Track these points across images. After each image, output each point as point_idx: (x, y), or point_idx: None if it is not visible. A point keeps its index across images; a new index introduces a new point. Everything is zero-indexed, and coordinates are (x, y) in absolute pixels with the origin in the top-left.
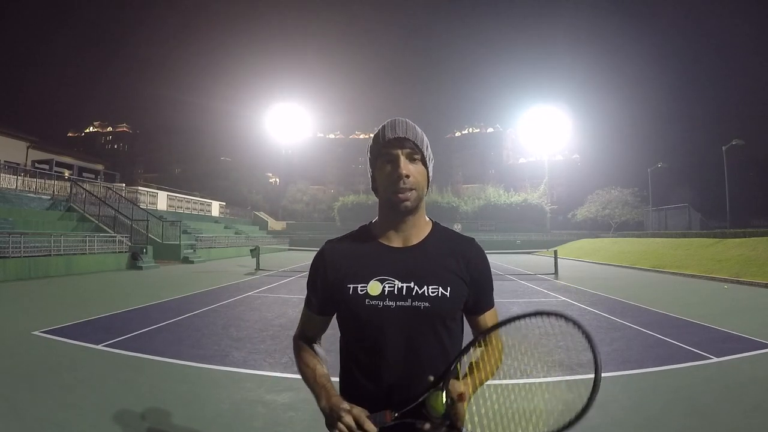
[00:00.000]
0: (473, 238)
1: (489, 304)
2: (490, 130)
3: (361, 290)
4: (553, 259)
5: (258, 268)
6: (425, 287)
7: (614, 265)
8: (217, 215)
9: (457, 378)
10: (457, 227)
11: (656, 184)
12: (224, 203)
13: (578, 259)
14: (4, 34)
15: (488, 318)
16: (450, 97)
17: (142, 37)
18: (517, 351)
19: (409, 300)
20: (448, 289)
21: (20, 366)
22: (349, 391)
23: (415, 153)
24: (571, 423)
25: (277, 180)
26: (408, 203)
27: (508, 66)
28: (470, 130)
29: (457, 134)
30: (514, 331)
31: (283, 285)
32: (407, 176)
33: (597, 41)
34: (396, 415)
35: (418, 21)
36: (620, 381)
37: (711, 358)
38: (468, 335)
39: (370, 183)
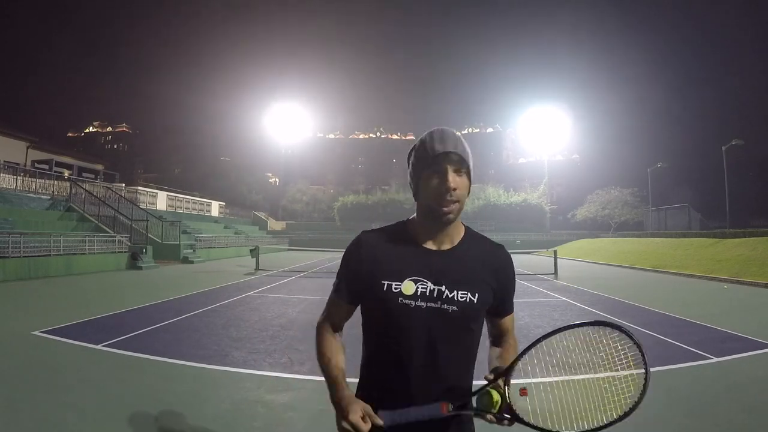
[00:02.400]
0: (503, 246)
1: (509, 309)
2: (489, 130)
3: (396, 288)
4: (552, 259)
5: (258, 268)
6: (455, 291)
7: (614, 265)
8: (217, 215)
9: (509, 376)
10: None
11: (656, 184)
12: (224, 203)
13: (578, 259)
14: (4, 34)
15: (508, 321)
16: (450, 97)
17: (142, 37)
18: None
19: (439, 302)
20: (476, 295)
21: (20, 366)
22: (369, 382)
23: (462, 167)
24: (626, 414)
25: (277, 180)
26: (451, 216)
27: (508, 66)
28: (470, 130)
29: (457, 134)
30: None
31: (283, 285)
32: (455, 189)
33: (597, 41)
34: (452, 407)
35: (418, 21)
36: None
37: (711, 358)
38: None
39: (411, 187)
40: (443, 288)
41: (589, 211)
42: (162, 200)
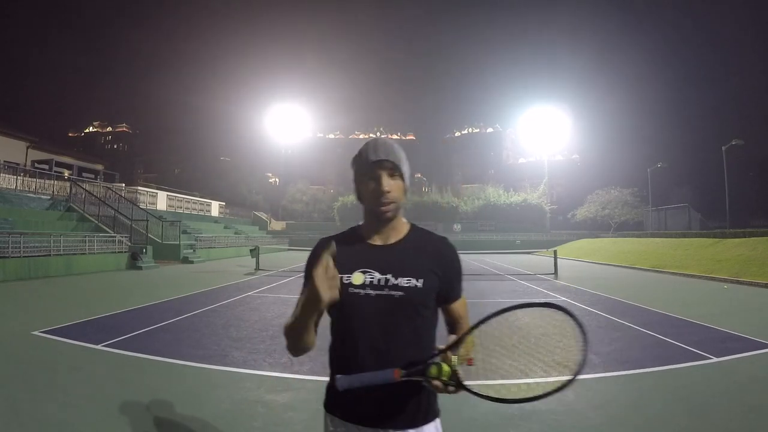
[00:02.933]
0: (446, 237)
1: (458, 294)
2: (489, 130)
3: (346, 280)
4: (552, 259)
5: (258, 268)
6: (400, 278)
7: (614, 265)
8: (217, 215)
9: (457, 349)
10: (456, 227)
11: (656, 184)
12: (224, 203)
13: (578, 259)
14: (4, 34)
15: (459, 306)
16: (450, 97)
17: (142, 37)
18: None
19: (386, 289)
20: (421, 281)
21: (20, 366)
22: (334, 362)
23: (395, 171)
24: (564, 386)
25: (277, 180)
26: (389, 214)
27: (508, 66)
28: (470, 130)
29: (457, 134)
30: (502, 320)
31: (283, 285)
32: (388, 192)
33: (597, 41)
34: (404, 372)
35: (418, 21)
36: (620, 381)
37: (711, 358)
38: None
39: (355, 193)
40: (389, 276)
41: (589, 211)
42: (162, 200)
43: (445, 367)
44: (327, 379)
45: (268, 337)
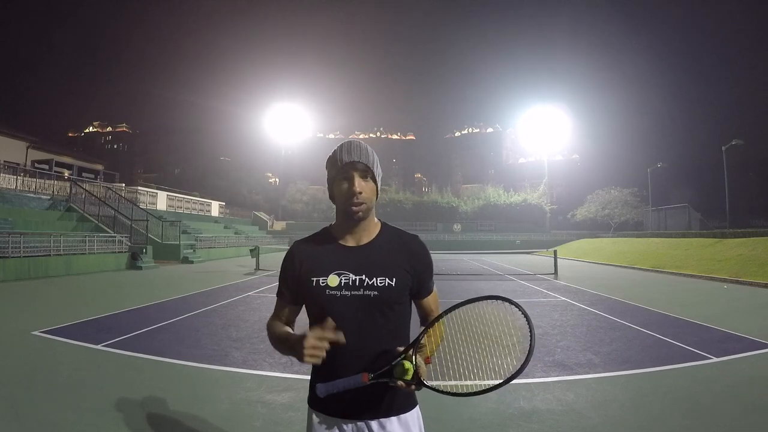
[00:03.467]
0: (417, 235)
1: (429, 290)
2: (489, 130)
3: (322, 282)
4: (552, 259)
5: (257, 268)
6: (374, 278)
7: (614, 265)
8: (217, 215)
9: (417, 348)
10: (456, 227)
11: (656, 184)
12: (224, 203)
13: (578, 259)
14: (4, 34)
15: (430, 300)
16: (450, 97)
17: (142, 38)
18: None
19: (361, 290)
20: (394, 279)
21: (20, 366)
22: (318, 365)
23: (367, 173)
24: (512, 377)
25: (277, 180)
26: (360, 214)
27: (508, 66)
28: (470, 130)
29: (457, 134)
30: (460, 314)
31: None
32: (360, 192)
33: (597, 41)
34: (372, 376)
35: (418, 21)
36: (620, 381)
37: (711, 358)
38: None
39: (328, 193)
40: (364, 277)
41: (589, 211)
42: (162, 200)
43: (408, 366)
44: None
45: (267, 338)
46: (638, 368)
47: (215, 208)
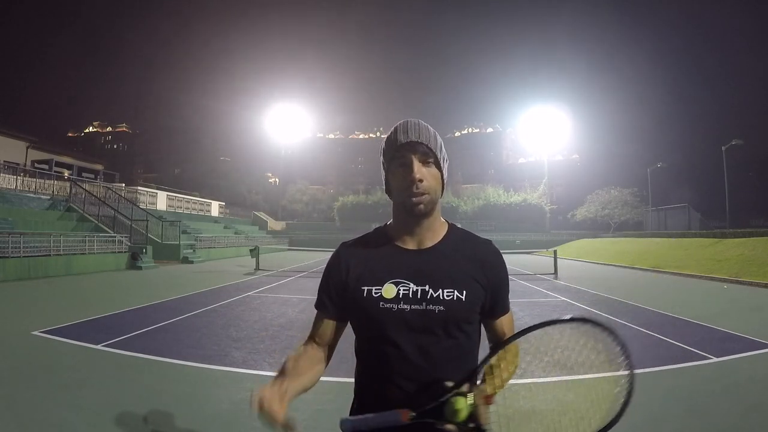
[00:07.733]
0: (490, 240)
1: (505, 308)
2: (489, 130)
3: (376, 293)
4: (552, 259)
5: (257, 268)
6: (440, 290)
7: (614, 265)
8: (217, 215)
9: (476, 382)
10: None
11: (656, 184)
12: (224, 203)
13: (578, 259)
14: (4, 34)
15: (504, 322)
16: (450, 97)
17: (142, 37)
18: (540, 354)
19: (424, 303)
20: (464, 292)
21: (20, 366)
22: (364, 393)
23: (429, 156)
24: (612, 423)
25: (277, 180)
26: (422, 207)
27: (508, 66)
28: (470, 130)
29: (457, 134)
30: (536, 338)
31: (283, 285)
32: (420, 180)
33: (597, 41)
34: (414, 414)
35: (418, 21)
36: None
37: (710, 358)
38: (483, 338)
39: (384, 185)
40: (427, 288)
41: (589, 211)
42: (162, 200)
43: (460, 405)
44: (328, 379)
45: (268, 337)
46: (638, 368)
47: (215, 208)
